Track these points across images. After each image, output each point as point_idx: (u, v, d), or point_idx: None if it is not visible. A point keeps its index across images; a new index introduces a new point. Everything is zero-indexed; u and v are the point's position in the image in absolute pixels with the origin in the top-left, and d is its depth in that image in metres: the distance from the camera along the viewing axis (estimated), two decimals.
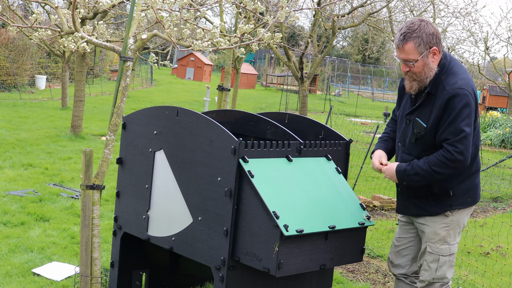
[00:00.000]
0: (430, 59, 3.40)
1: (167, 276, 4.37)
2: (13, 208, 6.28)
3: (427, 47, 3.37)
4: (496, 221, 7.43)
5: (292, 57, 11.78)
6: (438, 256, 3.56)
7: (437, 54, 3.41)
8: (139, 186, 3.90)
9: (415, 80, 3.46)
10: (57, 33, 4.28)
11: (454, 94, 3.33)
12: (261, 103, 23.06)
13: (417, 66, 3.40)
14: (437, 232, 3.56)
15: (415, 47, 3.37)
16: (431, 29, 3.37)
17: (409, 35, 3.36)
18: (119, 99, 3.78)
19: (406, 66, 3.44)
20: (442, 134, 3.39)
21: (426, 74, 3.42)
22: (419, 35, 3.35)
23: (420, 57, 3.38)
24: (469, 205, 3.59)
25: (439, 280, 3.58)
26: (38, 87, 22.04)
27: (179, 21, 3.63)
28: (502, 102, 30.00)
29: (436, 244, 3.56)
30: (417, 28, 3.36)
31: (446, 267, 3.57)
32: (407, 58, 3.40)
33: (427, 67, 3.40)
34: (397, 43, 3.41)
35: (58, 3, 14.94)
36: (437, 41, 3.40)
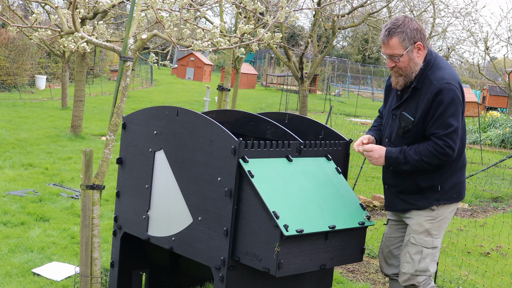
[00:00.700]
0: (415, 54, 3.46)
1: (167, 276, 4.37)
2: (13, 208, 6.28)
3: (412, 42, 3.44)
4: (497, 221, 7.43)
5: (292, 57, 11.77)
6: (421, 248, 3.58)
7: (421, 49, 3.48)
8: (139, 186, 3.90)
9: (401, 75, 3.51)
10: (57, 33, 4.28)
11: (441, 88, 3.39)
12: (261, 103, 23.06)
13: (402, 61, 3.46)
14: (421, 223, 3.59)
15: (400, 42, 3.43)
16: (415, 25, 3.44)
17: (393, 30, 3.43)
18: (119, 99, 3.78)
19: (391, 61, 3.49)
20: (430, 128, 3.44)
21: (411, 68, 3.47)
22: (403, 30, 3.42)
23: (405, 51, 3.44)
24: (454, 200, 3.64)
25: (421, 273, 3.59)
26: (38, 87, 22.04)
27: (179, 21, 3.63)
28: (502, 102, 30.01)
29: (420, 235, 3.59)
30: (401, 23, 3.43)
31: (429, 259, 3.59)
32: (392, 53, 3.46)
33: (412, 62, 3.46)
34: (382, 39, 3.48)
35: (58, 3, 14.94)
36: (422, 36, 3.46)
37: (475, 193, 9.38)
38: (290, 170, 3.52)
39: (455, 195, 3.63)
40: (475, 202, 9.03)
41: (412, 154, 3.47)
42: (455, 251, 6.19)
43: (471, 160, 12.53)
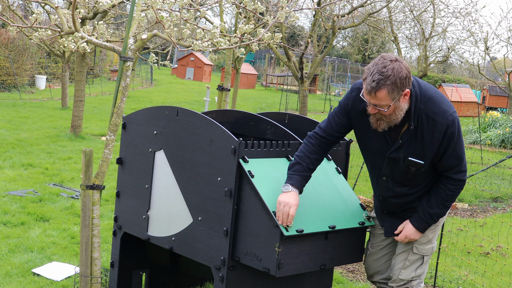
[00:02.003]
0: (401, 101, 3.19)
1: (167, 276, 4.37)
2: (13, 208, 6.28)
3: (400, 92, 3.15)
4: (496, 221, 7.43)
5: (292, 57, 11.78)
6: (422, 256, 3.60)
7: (407, 95, 3.20)
8: (139, 186, 3.90)
9: (383, 120, 3.26)
10: (57, 33, 4.28)
11: (449, 123, 3.25)
12: (261, 103, 23.06)
13: (389, 110, 3.20)
14: (426, 234, 3.57)
15: (388, 94, 3.13)
16: (403, 71, 3.14)
17: (382, 82, 3.11)
18: (119, 99, 3.78)
19: (375, 109, 3.22)
20: (445, 162, 3.34)
21: (396, 115, 3.23)
22: (392, 81, 3.11)
23: (393, 102, 3.16)
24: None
25: (417, 278, 3.62)
26: (38, 87, 22.05)
27: (179, 21, 3.63)
28: (502, 102, 30.01)
29: (423, 246, 3.58)
30: (390, 74, 3.10)
31: (426, 265, 3.64)
32: (378, 104, 3.18)
33: (398, 109, 3.21)
34: (369, 89, 3.13)
35: (58, 3, 14.94)
36: (409, 82, 3.18)
37: (475, 193, 9.38)
38: None
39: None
40: (475, 202, 9.03)
41: (437, 210, 3.42)
42: (455, 251, 6.19)
43: (471, 160, 12.53)
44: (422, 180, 3.44)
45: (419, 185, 3.46)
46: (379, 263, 3.80)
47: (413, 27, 21.96)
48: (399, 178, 3.44)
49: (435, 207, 3.43)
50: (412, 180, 3.42)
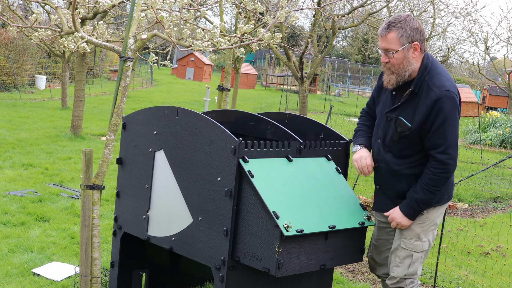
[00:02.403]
0: (410, 54, 3.39)
1: (167, 276, 4.37)
2: (13, 208, 6.28)
3: (409, 40, 3.37)
4: (496, 221, 7.43)
5: (292, 57, 11.77)
6: (412, 252, 3.59)
7: (418, 50, 3.40)
8: (139, 186, 3.90)
9: (393, 73, 3.44)
10: (57, 33, 4.28)
11: (442, 96, 3.33)
12: (261, 103, 23.06)
13: (396, 57, 3.39)
14: (412, 228, 3.58)
15: (397, 38, 3.36)
16: (416, 25, 3.38)
17: (393, 25, 3.37)
18: (119, 99, 3.78)
19: (385, 56, 3.43)
20: (430, 139, 3.40)
21: (404, 68, 3.40)
22: (403, 26, 3.36)
23: (401, 48, 3.37)
24: (445, 202, 3.63)
25: (410, 276, 3.61)
26: (38, 87, 22.05)
27: (179, 21, 3.63)
28: (502, 102, 30.01)
29: (411, 240, 3.59)
30: (402, 20, 3.37)
31: (418, 263, 3.61)
32: (388, 47, 3.40)
33: (406, 61, 3.39)
34: (381, 32, 3.42)
35: (58, 3, 14.93)
36: (420, 38, 3.40)
37: (475, 193, 9.37)
38: (290, 170, 3.52)
39: (446, 196, 3.61)
40: (475, 202, 9.03)
41: (422, 195, 3.45)
42: (455, 251, 6.19)
43: (471, 160, 12.53)
44: (407, 150, 3.50)
45: (403, 158, 3.52)
46: (381, 256, 3.82)
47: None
48: (388, 141, 3.56)
49: (420, 191, 3.46)
50: (397, 145, 3.51)
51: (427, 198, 3.46)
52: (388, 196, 3.66)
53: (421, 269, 3.71)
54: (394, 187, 3.60)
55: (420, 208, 3.49)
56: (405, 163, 3.52)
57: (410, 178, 3.53)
